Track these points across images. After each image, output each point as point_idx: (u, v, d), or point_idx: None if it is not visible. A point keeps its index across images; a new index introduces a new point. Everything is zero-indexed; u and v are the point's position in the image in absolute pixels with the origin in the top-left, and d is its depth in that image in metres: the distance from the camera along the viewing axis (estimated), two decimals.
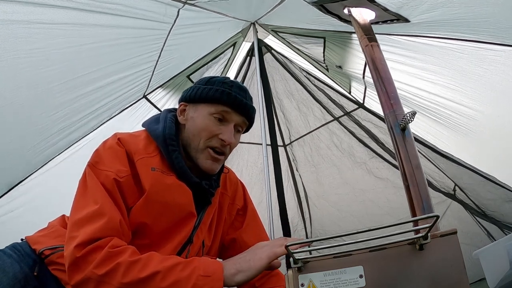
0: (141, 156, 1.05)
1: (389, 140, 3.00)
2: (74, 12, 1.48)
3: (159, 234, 1.05)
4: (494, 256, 1.10)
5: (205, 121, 1.10)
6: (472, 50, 1.73)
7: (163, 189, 1.04)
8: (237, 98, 1.11)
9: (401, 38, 1.91)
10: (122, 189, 0.98)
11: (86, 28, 1.60)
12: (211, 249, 1.21)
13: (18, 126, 1.81)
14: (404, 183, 1.05)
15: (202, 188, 1.11)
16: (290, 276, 0.78)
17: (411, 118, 1.06)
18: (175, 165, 1.07)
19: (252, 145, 3.36)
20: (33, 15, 1.39)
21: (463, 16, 1.49)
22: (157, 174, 1.04)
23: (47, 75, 1.66)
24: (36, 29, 1.45)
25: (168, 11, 1.79)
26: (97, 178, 0.98)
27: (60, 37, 1.55)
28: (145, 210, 1.01)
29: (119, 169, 0.99)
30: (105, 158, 1.02)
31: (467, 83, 1.94)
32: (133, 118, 2.44)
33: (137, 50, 1.95)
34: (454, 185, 3.10)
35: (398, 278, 0.71)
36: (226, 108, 1.10)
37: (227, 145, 1.11)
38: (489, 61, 1.73)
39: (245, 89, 1.17)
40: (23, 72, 1.57)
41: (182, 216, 1.07)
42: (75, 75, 1.79)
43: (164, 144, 1.08)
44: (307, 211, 3.82)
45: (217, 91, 1.10)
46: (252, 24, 2.49)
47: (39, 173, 2.13)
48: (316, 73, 2.97)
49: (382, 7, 1.51)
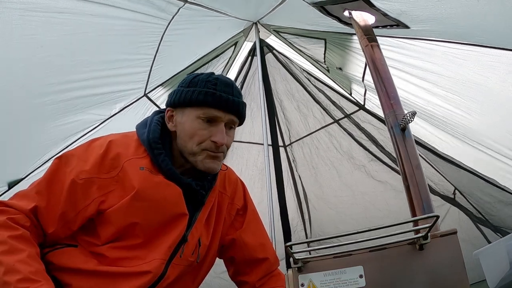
0: (130, 157, 1.06)
1: (388, 143, 3.00)
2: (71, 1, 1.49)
3: (151, 233, 1.05)
4: (494, 256, 1.10)
5: (193, 125, 1.08)
6: (473, 55, 1.72)
7: (152, 187, 1.04)
8: (222, 97, 1.07)
9: (401, 41, 1.90)
10: (77, 191, 1.00)
11: (83, 17, 1.59)
12: (210, 249, 1.20)
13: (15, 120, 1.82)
14: (404, 183, 1.05)
15: (193, 189, 1.11)
16: (290, 276, 0.78)
17: (411, 118, 1.06)
18: (162, 167, 1.07)
19: (252, 144, 3.36)
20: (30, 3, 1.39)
21: (462, 25, 1.49)
22: (145, 173, 1.05)
23: (41, 63, 1.66)
24: (31, 16, 1.45)
25: (168, 8, 1.79)
26: (60, 171, 1.02)
27: (56, 25, 1.55)
28: (134, 208, 1.02)
29: (81, 170, 1.02)
30: (76, 155, 1.06)
31: (467, 91, 1.93)
32: (136, 117, 2.44)
33: (134, 42, 1.94)
34: (454, 188, 3.10)
35: (398, 278, 0.71)
36: (213, 110, 1.07)
37: (221, 146, 1.09)
38: (488, 68, 1.71)
39: (231, 84, 1.12)
40: (17, 61, 1.58)
41: (173, 215, 1.07)
42: (71, 65, 1.80)
43: (150, 148, 1.08)
44: (306, 212, 3.82)
45: (201, 93, 1.07)
46: (255, 24, 2.49)
47: (39, 171, 2.12)
48: (317, 74, 2.98)
49: (382, 12, 1.52)
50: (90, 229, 1.05)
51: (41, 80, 1.75)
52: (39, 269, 0.91)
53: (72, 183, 1.00)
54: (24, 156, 2.04)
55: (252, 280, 1.23)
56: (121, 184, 1.03)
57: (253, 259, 1.24)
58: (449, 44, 1.74)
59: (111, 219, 1.02)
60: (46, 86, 1.79)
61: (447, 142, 2.53)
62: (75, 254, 1.01)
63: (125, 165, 1.04)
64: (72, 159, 1.05)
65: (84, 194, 1.01)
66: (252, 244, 1.25)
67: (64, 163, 1.04)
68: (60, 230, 1.00)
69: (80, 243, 1.04)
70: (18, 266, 0.87)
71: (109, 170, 1.04)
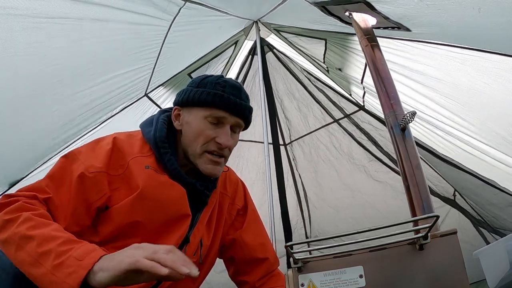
0: (135, 155, 1.06)
1: (388, 143, 3.00)
2: (73, 4, 1.48)
3: (153, 232, 1.05)
4: (494, 256, 1.11)
5: (200, 126, 1.08)
6: (474, 59, 1.71)
7: (156, 186, 1.04)
8: (231, 100, 1.08)
9: (401, 43, 1.90)
10: (86, 184, 0.99)
11: (86, 22, 1.59)
12: (211, 249, 1.21)
13: (18, 122, 1.82)
14: (404, 183, 1.05)
15: (197, 189, 1.11)
16: (290, 276, 0.79)
17: (411, 118, 1.07)
18: (168, 167, 1.08)
19: (253, 143, 3.37)
20: (31, 9, 1.38)
21: (464, 30, 1.49)
22: (150, 172, 1.05)
23: (45, 70, 1.66)
24: (34, 23, 1.44)
25: (169, 8, 1.79)
26: (67, 168, 1.01)
27: (59, 31, 1.54)
28: (138, 207, 1.02)
29: (91, 165, 1.01)
30: (84, 152, 1.05)
31: (465, 97, 1.93)
32: (136, 117, 2.44)
33: (137, 46, 1.94)
34: (454, 190, 3.10)
35: (398, 278, 0.71)
36: (220, 111, 1.08)
37: (225, 148, 1.10)
38: (489, 73, 1.71)
39: (239, 87, 1.13)
40: (21, 67, 1.57)
41: (176, 215, 1.07)
42: (74, 71, 1.79)
43: (156, 146, 1.09)
44: (306, 211, 3.83)
45: (209, 94, 1.08)
46: (255, 23, 2.48)
47: (40, 170, 2.13)
48: (317, 74, 2.98)
49: (383, 15, 1.52)
50: (90, 227, 1.04)
51: (45, 86, 1.75)
52: (73, 236, 0.87)
53: (81, 177, 0.98)
54: (24, 156, 2.04)
55: (252, 280, 1.23)
56: (126, 182, 1.03)
57: (253, 259, 1.24)
58: (450, 48, 1.73)
59: (112, 216, 1.01)
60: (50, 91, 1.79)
61: (447, 146, 2.52)
62: None
63: (131, 163, 1.04)
64: (80, 155, 1.04)
65: (95, 187, 1.00)
66: (252, 244, 1.25)
67: (71, 160, 1.03)
68: (71, 227, 0.97)
69: None
70: (54, 233, 0.84)
71: (116, 167, 1.04)
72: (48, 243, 0.82)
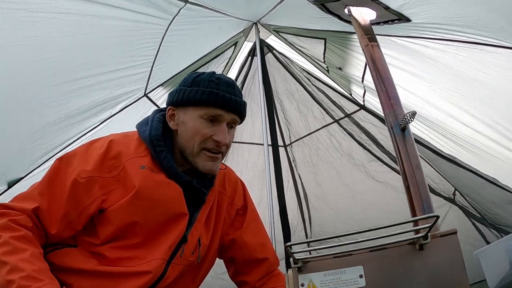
0: (130, 156, 1.07)
1: (389, 142, 3.00)
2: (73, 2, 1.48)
3: (151, 232, 1.05)
4: (494, 256, 1.11)
5: (196, 125, 1.08)
6: (472, 52, 1.71)
7: (152, 186, 1.05)
8: (226, 97, 1.08)
9: (401, 40, 1.90)
10: (79, 190, 1.00)
11: (84, 18, 1.59)
12: (210, 249, 1.21)
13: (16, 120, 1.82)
14: (404, 183, 1.05)
15: (194, 187, 1.11)
16: (290, 276, 0.78)
17: (411, 118, 1.06)
18: (164, 165, 1.08)
19: (253, 145, 3.36)
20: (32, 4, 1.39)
21: (464, 15, 1.48)
22: (146, 172, 1.05)
23: (42, 65, 1.66)
24: (33, 17, 1.44)
25: (169, 8, 1.79)
26: (61, 172, 1.03)
27: (58, 26, 1.54)
28: (135, 207, 1.02)
29: (83, 170, 1.02)
30: (78, 155, 1.06)
31: (465, 88, 1.93)
32: (136, 117, 2.44)
33: (135, 44, 1.94)
34: (454, 189, 3.10)
35: (398, 278, 0.71)
36: (216, 109, 1.08)
37: (222, 145, 1.10)
38: (488, 65, 1.71)
39: (233, 84, 1.13)
40: (19, 62, 1.57)
41: (173, 214, 1.07)
42: (72, 65, 1.79)
43: (152, 145, 1.09)
44: (306, 212, 3.82)
45: (204, 93, 1.07)
46: (255, 24, 2.49)
47: (40, 170, 2.13)
48: (317, 74, 2.97)
49: (384, 5, 1.51)
50: (89, 229, 1.05)
51: (43, 82, 1.75)
52: (42, 268, 0.91)
53: (74, 183, 1.00)
54: (24, 156, 2.03)
55: (252, 280, 1.23)
56: (122, 183, 1.04)
57: (253, 259, 1.24)
58: (449, 42, 1.73)
59: (111, 218, 1.02)
60: (48, 88, 1.79)
61: (447, 144, 2.52)
62: (75, 255, 1.01)
63: (126, 164, 1.05)
64: (73, 159, 1.05)
65: (87, 192, 1.01)
66: (252, 244, 1.25)
67: (65, 164, 1.04)
68: (63, 231, 1.00)
69: (80, 243, 1.04)
70: (21, 264, 0.87)
71: (110, 169, 1.04)
72: (15, 273, 0.86)
